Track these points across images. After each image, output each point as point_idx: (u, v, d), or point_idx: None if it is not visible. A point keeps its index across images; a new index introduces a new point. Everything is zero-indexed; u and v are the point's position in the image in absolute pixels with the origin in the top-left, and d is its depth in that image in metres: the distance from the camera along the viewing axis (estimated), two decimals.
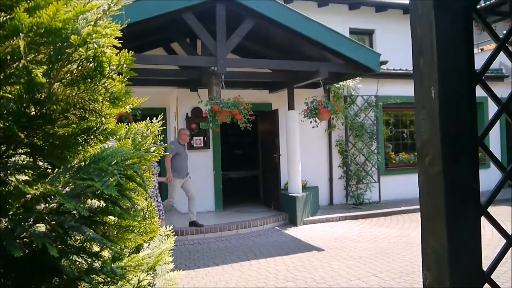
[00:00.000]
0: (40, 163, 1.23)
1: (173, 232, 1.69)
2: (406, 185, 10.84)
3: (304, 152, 9.95)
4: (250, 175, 13.21)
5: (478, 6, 1.06)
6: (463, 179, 1.01)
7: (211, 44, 7.20)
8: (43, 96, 1.02)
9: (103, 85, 1.06)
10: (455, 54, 1.01)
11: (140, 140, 1.42)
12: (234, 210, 9.64)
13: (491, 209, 1.00)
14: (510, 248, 1.07)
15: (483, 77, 1.06)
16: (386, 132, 11.61)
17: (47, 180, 1.08)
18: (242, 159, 14.57)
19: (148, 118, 1.54)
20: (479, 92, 1.20)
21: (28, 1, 1.01)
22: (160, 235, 1.57)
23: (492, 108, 12.56)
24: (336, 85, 10.34)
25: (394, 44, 13.25)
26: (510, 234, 1.09)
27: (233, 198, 10.88)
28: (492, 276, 1.02)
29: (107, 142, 1.32)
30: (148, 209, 1.45)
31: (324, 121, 9.02)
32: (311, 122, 8.43)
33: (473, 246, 1.02)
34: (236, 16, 7.28)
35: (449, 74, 1.00)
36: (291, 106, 9.22)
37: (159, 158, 1.49)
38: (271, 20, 7.24)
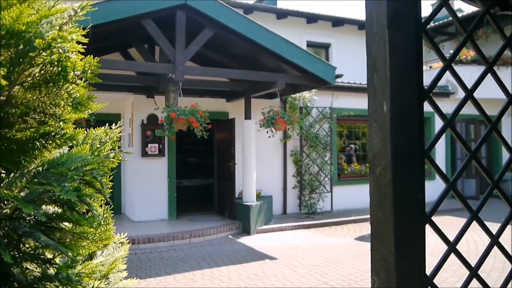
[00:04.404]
0: None
1: (127, 239, 1.67)
2: (357, 195, 11.17)
3: (260, 161, 10.04)
4: (205, 184, 13.13)
5: (427, 27, 1.14)
6: (411, 189, 1.08)
7: (169, 51, 7.16)
8: (1, 99, 1.00)
9: (66, 90, 1.05)
10: (406, 72, 1.08)
11: (98, 146, 1.40)
12: (187, 218, 9.55)
13: (435, 218, 1.07)
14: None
15: (430, 94, 1.14)
16: (339, 144, 11.92)
17: (2, 184, 1.06)
18: (198, 167, 14.48)
19: (107, 124, 1.53)
20: (426, 107, 1.28)
21: None
22: (114, 242, 1.55)
23: (438, 123, 13.17)
24: (293, 96, 10.52)
25: (349, 58, 13.68)
26: (451, 241, 1.17)
27: (187, 206, 10.79)
28: (435, 281, 1.10)
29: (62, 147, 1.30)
30: (104, 215, 1.43)
31: (280, 131, 9.15)
32: (267, 132, 8.53)
33: (418, 252, 1.09)
34: (196, 25, 7.29)
35: (400, 90, 1.07)
36: (247, 116, 9.30)
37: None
38: (231, 30, 7.29)
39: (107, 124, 1.53)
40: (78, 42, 1.09)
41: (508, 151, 1.44)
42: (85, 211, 1.30)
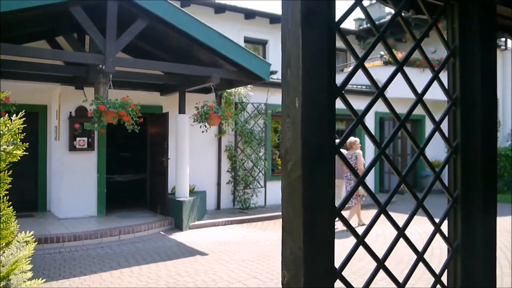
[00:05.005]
0: None
1: (33, 238, 1.57)
2: None
3: (194, 156, 9.94)
4: (138, 179, 12.81)
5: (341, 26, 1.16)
6: (320, 185, 1.09)
7: (100, 41, 6.87)
8: None
9: None
10: (318, 69, 1.09)
11: None
12: (118, 215, 9.26)
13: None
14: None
15: (343, 91, 1.16)
16: (274, 139, 12.07)
17: None
18: (131, 162, 14.08)
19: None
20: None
21: None
22: (18, 241, 1.45)
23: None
24: (228, 91, 10.50)
25: None
26: (360, 235, 1.20)
27: (118, 202, 10.44)
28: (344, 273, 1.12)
29: None
30: (1, 213, 1.33)
31: (214, 126, 9.10)
32: (200, 126, 8.46)
33: (327, 246, 1.11)
34: (129, 15, 7.05)
35: (312, 87, 1.07)
36: (182, 110, 9.16)
37: None
38: (165, 22, 7.13)
39: (14, 115, 1.43)
40: None
41: (416, 149, 1.51)
42: None
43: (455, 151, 1.51)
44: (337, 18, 1.15)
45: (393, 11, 1.43)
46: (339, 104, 1.12)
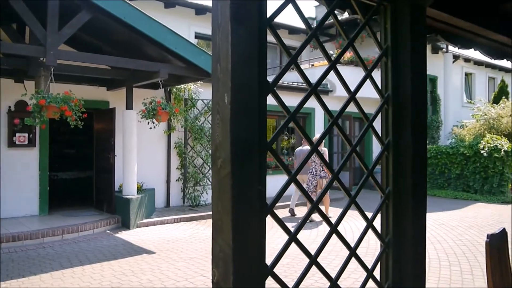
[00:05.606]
0: None
1: None
2: None
3: (142, 153, 9.74)
4: (84, 176, 12.41)
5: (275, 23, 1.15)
6: (250, 182, 1.08)
7: (40, 33, 6.55)
8: None
9: None
10: (248, 65, 1.08)
11: None
12: (61, 213, 8.91)
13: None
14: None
15: (275, 88, 1.15)
16: None
17: None
18: (76, 159, 13.61)
19: None
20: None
21: None
22: None
23: (319, 118, 13.99)
24: (178, 87, 10.35)
25: None
26: (292, 232, 1.21)
27: (63, 201, 10.06)
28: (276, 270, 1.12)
29: None
30: None
31: (162, 122, 8.95)
32: (148, 123, 8.28)
33: (257, 243, 1.10)
34: (72, 6, 6.77)
35: (241, 83, 1.06)
36: (129, 106, 8.94)
37: None
38: (110, 14, 6.90)
39: None
40: None
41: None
42: None
43: (387, 148, 1.55)
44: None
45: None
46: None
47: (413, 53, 1.55)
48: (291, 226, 7.40)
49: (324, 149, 9.21)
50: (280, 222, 1.19)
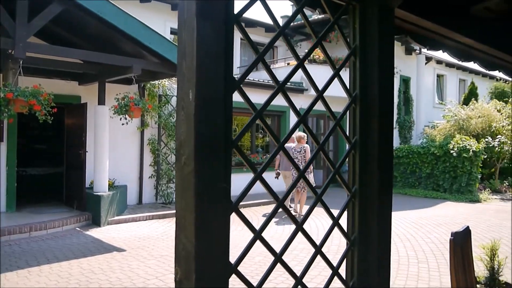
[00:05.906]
0: None
1: None
2: None
3: (114, 149, 9.59)
4: (54, 172, 12.15)
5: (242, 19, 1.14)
6: (214, 179, 1.07)
7: (8, 24, 6.36)
8: None
9: None
10: (214, 61, 1.06)
11: None
12: (29, 210, 8.69)
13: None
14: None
15: (241, 85, 1.14)
16: None
17: None
18: (46, 155, 13.33)
19: None
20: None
21: None
22: None
23: (293, 117, 14.04)
24: (152, 83, 10.23)
25: None
26: (257, 229, 1.20)
27: (31, 197, 9.82)
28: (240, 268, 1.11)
29: None
30: None
31: (135, 118, 8.82)
32: (121, 119, 8.16)
33: (221, 241, 1.09)
34: None
35: (207, 79, 1.04)
36: (101, 101, 8.78)
37: None
38: (82, 7, 6.75)
39: None
40: None
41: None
42: None
43: (354, 147, 1.56)
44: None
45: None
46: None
47: (381, 53, 1.57)
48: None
49: (306, 146, 9.43)
50: (245, 220, 1.18)
